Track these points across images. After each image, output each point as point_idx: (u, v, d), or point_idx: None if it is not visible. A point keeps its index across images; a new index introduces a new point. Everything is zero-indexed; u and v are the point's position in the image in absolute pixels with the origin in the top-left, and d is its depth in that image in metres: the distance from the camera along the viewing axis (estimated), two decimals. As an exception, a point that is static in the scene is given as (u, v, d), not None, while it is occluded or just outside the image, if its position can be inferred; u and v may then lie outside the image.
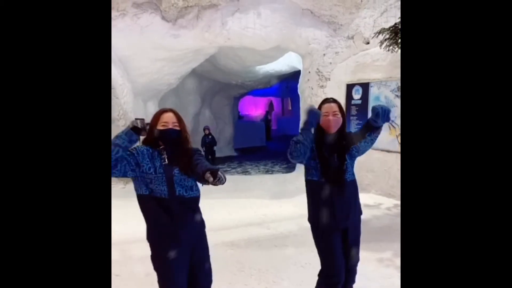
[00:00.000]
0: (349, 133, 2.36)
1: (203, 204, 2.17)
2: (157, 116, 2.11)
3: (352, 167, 2.35)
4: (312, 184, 2.33)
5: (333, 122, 2.27)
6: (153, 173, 2.02)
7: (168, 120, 2.07)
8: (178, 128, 2.08)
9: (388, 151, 5.99)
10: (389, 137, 5.99)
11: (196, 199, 2.12)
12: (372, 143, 2.32)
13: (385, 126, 6.19)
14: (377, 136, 2.30)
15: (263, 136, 15.63)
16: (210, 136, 9.97)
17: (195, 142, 8.89)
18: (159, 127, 2.06)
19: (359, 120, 6.56)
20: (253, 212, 5.34)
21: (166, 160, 2.04)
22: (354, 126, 6.61)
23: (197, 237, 2.12)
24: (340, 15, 6.99)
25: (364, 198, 5.98)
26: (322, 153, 2.27)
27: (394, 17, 6.16)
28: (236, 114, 15.41)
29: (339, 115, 2.29)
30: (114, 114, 6.97)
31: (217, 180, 1.80)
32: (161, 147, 2.08)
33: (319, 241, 2.36)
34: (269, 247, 4.04)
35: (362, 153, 2.36)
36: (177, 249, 2.01)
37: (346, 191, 2.28)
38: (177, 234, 2.01)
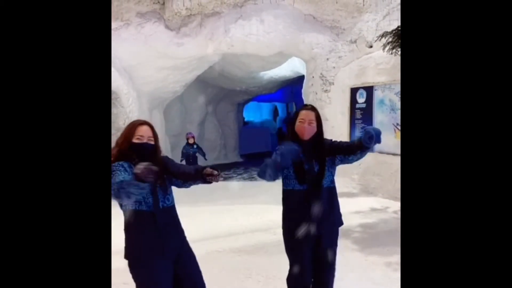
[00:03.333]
0: (340, 142, 2.34)
1: (209, 211, 2.18)
2: (132, 128, 2.03)
3: (332, 174, 2.33)
4: (287, 192, 2.36)
5: (307, 130, 2.26)
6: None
7: (144, 134, 2.01)
8: (152, 143, 2.03)
9: (394, 154, 5.97)
10: (394, 140, 5.97)
11: (174, 207, 2.11)
12: (360, 158, 2.29)
13: (391, 129, 6.19)
14: (366, 153, 2.26)
15: (268, 141, 15.63)
16: (195, 146, 8.43)
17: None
18: (134, 140, 1.99)
19: (364, 124, 6.55)
20: (259, 218, 5.33)
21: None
22: (359, 130, 6.60)
23: (181, 246, 2.09)
24: (342, 19, 7.01)
25: (370, 201, 5.99)
26: (298, 159, 2.24)
27: (396, 20, 6.18)
28: (241, 120, 15.43)
29: (314, 124, 2.28)
30: (120, 123, 7.01)
31: (218, 175, 1.83)
32: (136, 159, 1.98)
33: (287, 245, 2.37)
34: (276, 253, 4.01)
35: (346, 163, 2.36)
36: (161, 261, 1.99)
37: (321, 197, 2.25)
38: (162, 246, 1.98)
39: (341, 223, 2.41)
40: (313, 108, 2.34)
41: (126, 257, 2.03)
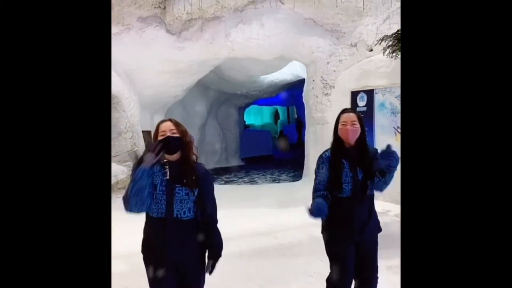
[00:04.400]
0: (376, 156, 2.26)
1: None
2: (156, 128, 2.05)
3: (373, 182, 2.30)
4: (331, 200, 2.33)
5: (351, 132, 2.23)
6: (152, 190, 1.96)
7: (165, 129, 2.00)
8: (177, 135, 1.99)
9: (395, 158, 5.97)
10: (395, 143, 5.97)
11: (194, 221, 2.03)
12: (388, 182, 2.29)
13: (391, 132, 6.19)
14: (392, 177, 2.25)
15: (269, 145, 15.62)
16: None
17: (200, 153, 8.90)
18: (159, 137, 1.99)
19: (365, 127, 6.54)
20: (260, 222, 5.32)
21: (168, 175, 1.98)
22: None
23: (188, 261, 2.03)
24: (342, 23, 7.03)
25: (372, 205, 5.97)
26: (338, 165, 2.24)
27: (396, 23, 6.19)
28: (242, 124, 15.44)
29: (357, 125, 2.26)
30: (121, 127, 7.03)
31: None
32: (164, 160, 2.01)
33: (331, 249, 2.38)
34: (278, 257, 4.02)
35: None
36: (162, 272, 1.97)
37: (364, 205, 2.30)
38: (165, 257, 1.96)
39: (380, 229, 2.44)
40: (353, 110, 2.35)
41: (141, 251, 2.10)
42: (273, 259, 3.97)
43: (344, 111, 2.35)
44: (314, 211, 2.11)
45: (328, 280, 2.43)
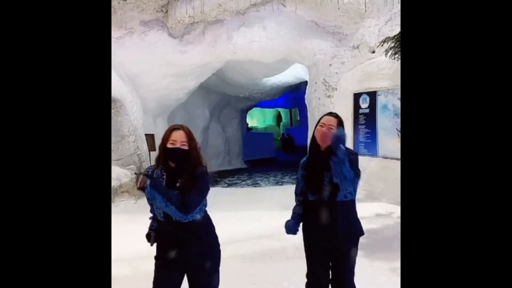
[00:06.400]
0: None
1: (213, 218, 2.18)
2: (167, 134, 2.02)
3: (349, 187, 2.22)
4: (304, 202, 2.35)
5: (324, 134, 2.16)
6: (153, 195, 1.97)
7: (177, 138, 1.97)
8: (186, 148, 1.97)
9: (398, 159, 5.96)
10: (398, 145, 5.96)
11: (197, 222, 2.02)
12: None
13: (394, 134, 6.19)
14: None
15: (272, 147, 15.65)
16: None
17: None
18: (168, 145, 1.98)
19: (368, 129, 6.55)
20: (264, 224, 5.33)
21: (164, 182, 1.98)
22: (363, 135, 6.60)
23: (196, 262, 2.01)
24: (344, 25, 7.03)
25: (375, 207, 5.97)
26: (312, 166, 2.22)
27: (398, 25, 6.18)
28: (245, 126, 15.47)
29: (334, 130, 2.15)
30: (124, 130, 7.06)
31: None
32: (163, 168, 2.01)
33: (305, 251, 2.41)
34: (281, 259, 4.02)
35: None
36: (167, 273, 2.01)
37: (334, 210, 2.19)
38: (167, 258, 1.98)
39: (359, 234, 2.34)
40: (336, 116, 2.26)
41: None
42: (276, 261, 3.96)
43: (328, 114, 2.30)
44: (286, 230, 2.39)
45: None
